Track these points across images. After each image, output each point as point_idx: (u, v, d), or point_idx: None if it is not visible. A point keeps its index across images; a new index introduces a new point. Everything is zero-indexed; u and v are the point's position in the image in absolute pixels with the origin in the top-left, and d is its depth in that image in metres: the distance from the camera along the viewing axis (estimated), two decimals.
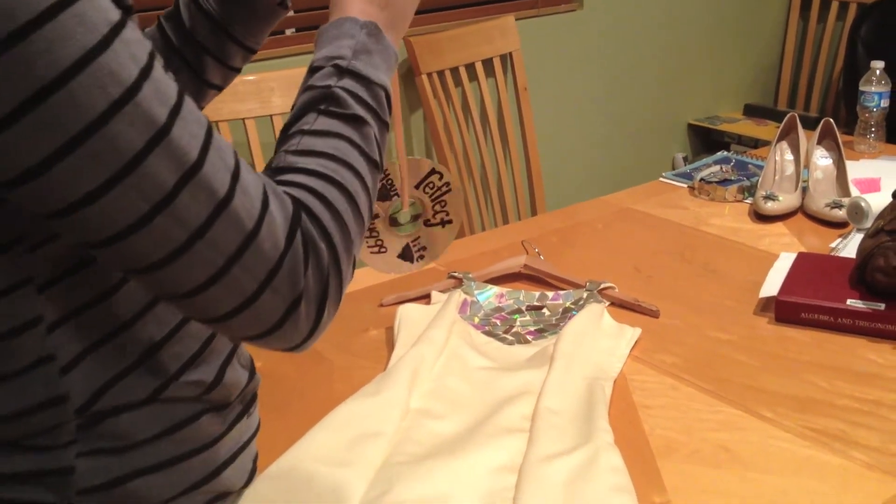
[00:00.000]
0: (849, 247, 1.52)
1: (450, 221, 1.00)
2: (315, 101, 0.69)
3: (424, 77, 2.44)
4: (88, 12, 0.52)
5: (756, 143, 3.12)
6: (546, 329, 1.33)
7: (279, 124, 2.10)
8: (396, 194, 0.97)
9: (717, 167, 1.89)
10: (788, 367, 1.20)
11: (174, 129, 0.56)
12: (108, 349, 0.65)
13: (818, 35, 3.42)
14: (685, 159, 3.37)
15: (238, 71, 0.94)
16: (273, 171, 0.67)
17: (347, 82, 0.70)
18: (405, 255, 1.03)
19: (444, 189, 0.99)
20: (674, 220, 1.71)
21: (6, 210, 0.59)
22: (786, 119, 1.84)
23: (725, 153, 2.06)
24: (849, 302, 1.28)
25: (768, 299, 1.35)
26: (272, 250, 0.61)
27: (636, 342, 1.27)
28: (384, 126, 0.72)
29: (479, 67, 2.55)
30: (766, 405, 1.12)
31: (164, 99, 0.55)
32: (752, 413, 1.11)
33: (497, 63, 2.57)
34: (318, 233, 0.64)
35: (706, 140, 3.40)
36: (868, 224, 1.51)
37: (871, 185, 1.77)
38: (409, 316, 1.32)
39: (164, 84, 0.56)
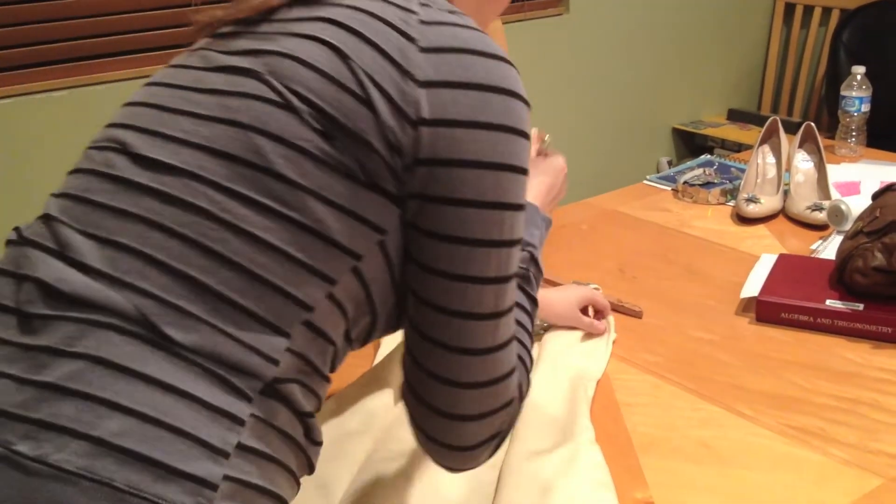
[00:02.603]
0: (829, 248, 1.55)
1: None
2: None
3: None
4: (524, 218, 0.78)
5: (739, 148, 3.15)
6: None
7: None
8: None
9: (701, 170, 1.91)
10: (768, 365, 1.22)
11: (513, 276, 0.79)
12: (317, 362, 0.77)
13: (801, 40, 3.45)
14: (669, 163, 3.39)
15: None
16: None
17: (534, 269, 0.94)
18: None
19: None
20: (658, 223, 1.73)
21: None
22: (767, 123, 1.87)
23: (709, 157, 2.08)
24: (828, 302, 1.30)
25: (749, 300, 1.37)
26: (512, 391, 0.81)
27: (620, 341, 1.29)
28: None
29: None
30: (747, 403, 1.14)
31: (517, 262, 0.79)
32: (733, 411, 1.13)
33: None
34: (519, 393, 0.83)
35: (690, 144, 3.43)
36: (848, 226, 1.53)
37: (852, 189, 1.79)
38: None
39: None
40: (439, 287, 0.76)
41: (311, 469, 0.79)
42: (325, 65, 0.73)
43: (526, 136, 0.76)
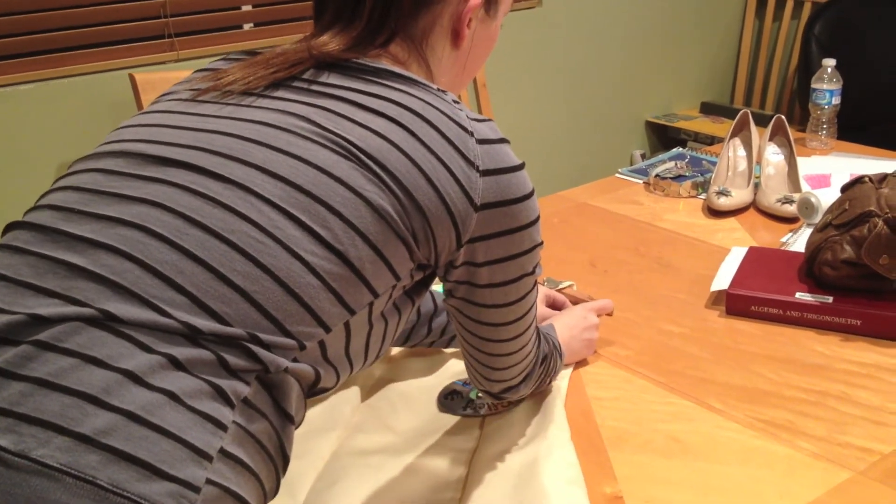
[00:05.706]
0: (799, 241, 1.55)
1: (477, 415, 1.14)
2: (549, 357, 1.08)
3: None
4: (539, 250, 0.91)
5: (712, 141, 3.16)
6: None
7: None
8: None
9: (672, 163, 1.91)
10: (738, 359, 1.22)
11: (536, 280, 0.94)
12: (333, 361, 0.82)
13: (773, 33, 3.47)
14: (643, 156, 3.40)
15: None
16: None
17: (558, 360, 1.11)
18: (445, 393, 1.18)
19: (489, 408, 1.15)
20: (629, 216, 1.73)
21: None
22: (738, 116, 1.87)
23: (680, 150, 2.08)
24: (797, 295, 1.30)
25: (719, 293, 1.38)
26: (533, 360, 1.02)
27: None
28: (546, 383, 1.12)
29: None
30: (717, 396, 1.14)
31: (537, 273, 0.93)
32: (703, 404, 1.13)
33: None
34: (538, 371, 1.05)
35: (663, 137, 3.43)
36: (818, 219, 1.54)
37: (822, 181, 1.80)
38: None
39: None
40: (497, 297, 0.90)
41: (276, 488, 0.80)
42: (397, 138, 0.79)
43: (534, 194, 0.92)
